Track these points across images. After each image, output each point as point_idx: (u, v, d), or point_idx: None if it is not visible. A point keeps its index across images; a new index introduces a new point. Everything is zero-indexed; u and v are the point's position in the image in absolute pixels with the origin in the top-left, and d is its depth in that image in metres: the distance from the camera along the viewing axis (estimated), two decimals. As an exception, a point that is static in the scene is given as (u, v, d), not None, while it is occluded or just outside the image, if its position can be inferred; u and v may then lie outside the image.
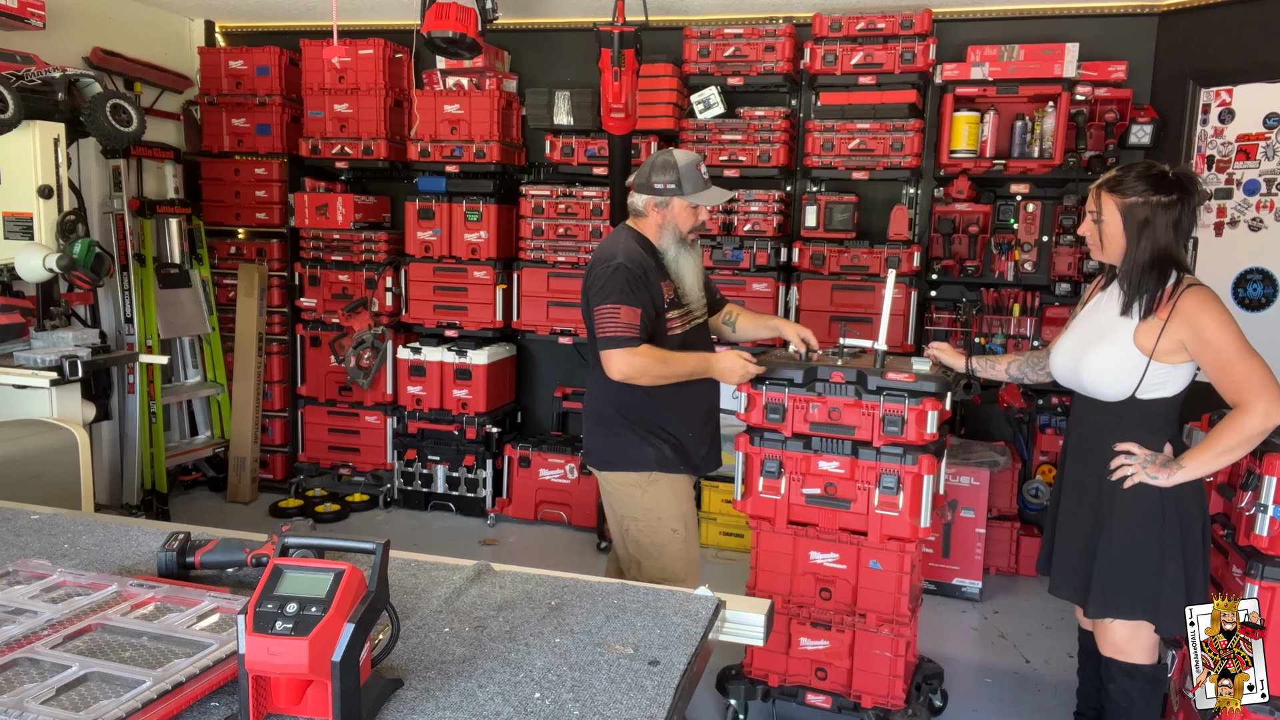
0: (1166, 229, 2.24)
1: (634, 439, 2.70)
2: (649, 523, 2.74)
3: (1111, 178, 2.32)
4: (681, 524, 2.76)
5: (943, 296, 4.72)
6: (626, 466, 2.72)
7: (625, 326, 2.53)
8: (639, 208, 2.72)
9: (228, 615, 1.37)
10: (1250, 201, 4.03)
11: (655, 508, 2.73)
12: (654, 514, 2.73)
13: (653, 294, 2.62)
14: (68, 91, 3.82)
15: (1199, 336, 2.20)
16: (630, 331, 2.53)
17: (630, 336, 2.53)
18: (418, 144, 4.95)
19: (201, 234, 5.34)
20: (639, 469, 2.71)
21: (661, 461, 2.70)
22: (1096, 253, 2.39)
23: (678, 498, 2.77)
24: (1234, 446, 2.20)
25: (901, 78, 4.34)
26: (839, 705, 2.90)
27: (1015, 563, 4.42)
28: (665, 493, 2.73)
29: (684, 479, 2.80)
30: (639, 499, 2.73)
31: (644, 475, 2.71)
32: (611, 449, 2.74)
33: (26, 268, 3.53)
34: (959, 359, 2.76)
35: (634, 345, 2.54)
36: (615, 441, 2.73)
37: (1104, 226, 2.32)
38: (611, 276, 2.55)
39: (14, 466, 2.85)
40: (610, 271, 2.56)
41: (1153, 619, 2.34)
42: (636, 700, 1.22)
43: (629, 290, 2.55)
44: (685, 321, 2.76)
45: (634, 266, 2.58)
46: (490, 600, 1.53)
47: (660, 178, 2.65)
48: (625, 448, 2.71)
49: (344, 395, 5.28)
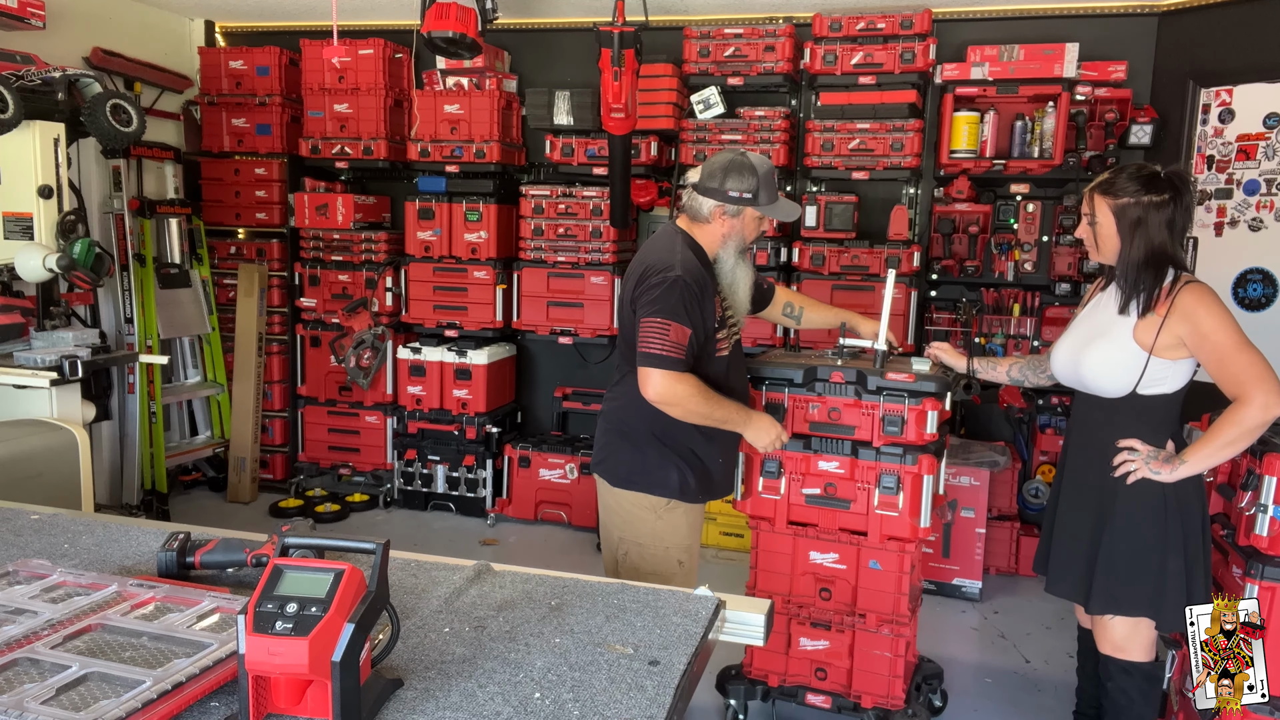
0: (1160, 228, 2.27)
1: (660, 460, 2.48)
2: (655, 550, 2.55)
3: (1103, 180, 2.36)
4: (687, 555, 2.59)
5: (943, 296, 4.72)
6: (647, 488, 2.51)
7: (673, 346, 2.30)
8: (704, 213, 2.44)
9: (228, 615, 1.37)
10: (1250, 201, 4.03)
11: (666, 536, 2.54)
12: (663, 542, 2.55)
13: (705, 315, 2.40)
14: (68, 91, 3.82)
15: (1197, 331, 2.21)
16: (677, 353, 2.31)
17: (676, 358, 2.30)
18: (418, 144, 4.95)
19: (201, 234, 5.34)
20: (660, 493, 2.50)
21: (685, 489, 2.50)
22: (1094, 254, 2.42)
23: (691, 528, 2.60)
24: (1235, 439, 2.21)
25: (901, 78, 4.34)
26: (839, 705, 2.90)
27: (1015, 563, 4.42)
28: (680, 521, 2.55)
29: (699, 508, 2.62)
30: (650, 524, 2.53)
31: (662, 501, 2.51)
32: (634, 467, 2.52)
33: (26, 268, 3.53)
34: (959, 359, 2.76)
35: (678, 369, 2.31)
36: (640, 460, 2.51)
37: (1099, 228, 2.36)
38: (668, 290, 2.32)
39: (14, 466, 2.85)
40: (667, 285, 2.32)
41: (1155, 615, 2.35)
42: (636, 700, 1.22)
43: (684, 309, 2.32)
44: (730, 340, 2.54)
45: (693, 283, 2.36)
46: (490, 600, 1.53)
47: (737, 184, 2.39)
48: (650, 468, 2.49)
49: (344, 395, 5.28)
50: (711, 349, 2.46)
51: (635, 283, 2.43)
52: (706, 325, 2.41)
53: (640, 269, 2.44)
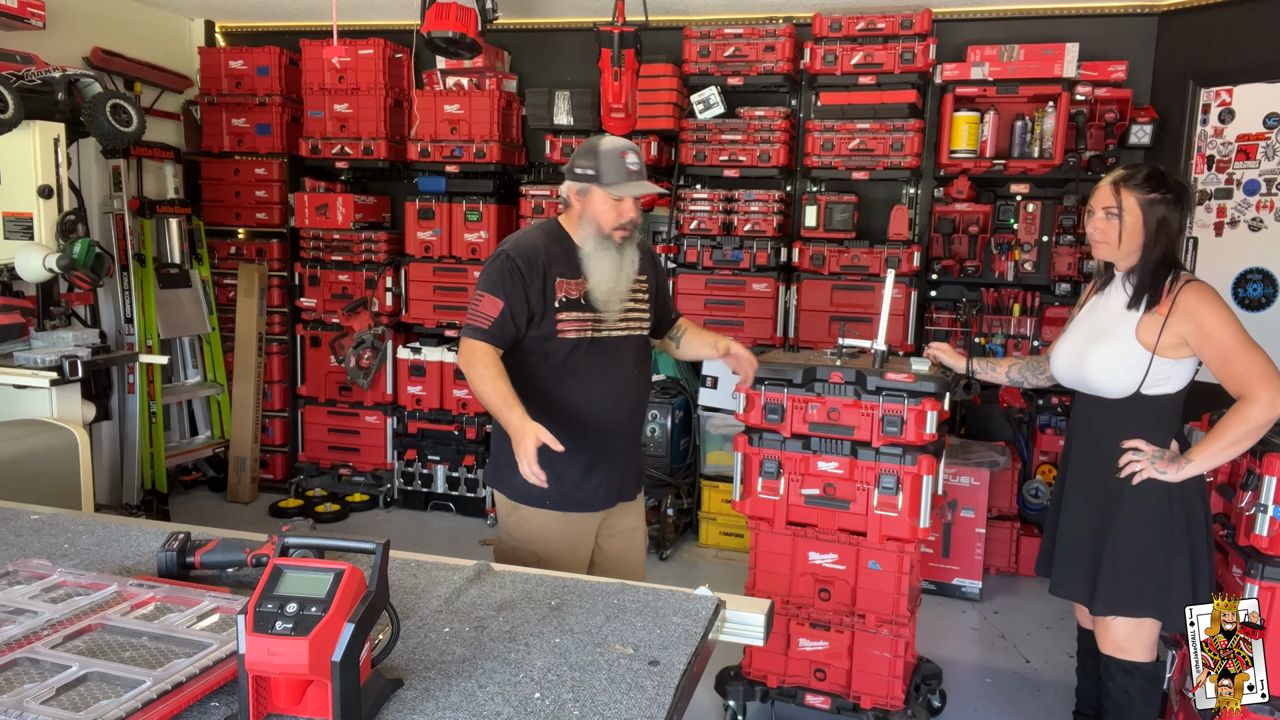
0: (1176, 226, 2.30)
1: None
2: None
3: (1127, 174, 2.32)
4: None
5: (943, 296, 4.72)
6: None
7: (480, 316, 2.32)
8: (564, 196, 2.45)
9: (228, 615, 1.37)
10: (1250, 201, 4.03)
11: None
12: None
13: (530, 291, 2.32)
14: (68, 91, 3.82)
15: (1200, 330, 2.22)
16: (480, 322, 2.31)
17: (478, 327, 2.31)
18: (418, 144, 4.95)
19: (201, 234, 5.34)
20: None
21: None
22: (1104, 250, 2.37)
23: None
24: (1241, 438, 2.21)
25: (901, 78, 4.34)
26: (838, 706, 2.90)
27: (1015, 563, 4.42)
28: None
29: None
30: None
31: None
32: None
33: (26, 268, 3.53)
34: (959, 360, 2.76)
35: (478, 338, 2.30)
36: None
37: (1126, 223, 2.30)
38: (489, 264, 2.37)
39: (14, 466, 2.85)
40: (491, 260, 2.38)
41: (1160, 616, 2.35)
42: (636, 700, 1.22)
43: (498, 281, 2.32)
44: (593, 328, 2.39)
45: (518, 256, 2.33)
46: (490, 600, 1.53)
47: (580, 164, 2.36)
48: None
49: (344, 395, 5.28)
50: (550, 328, 2.36)
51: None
52: (532, 302, 2.33)
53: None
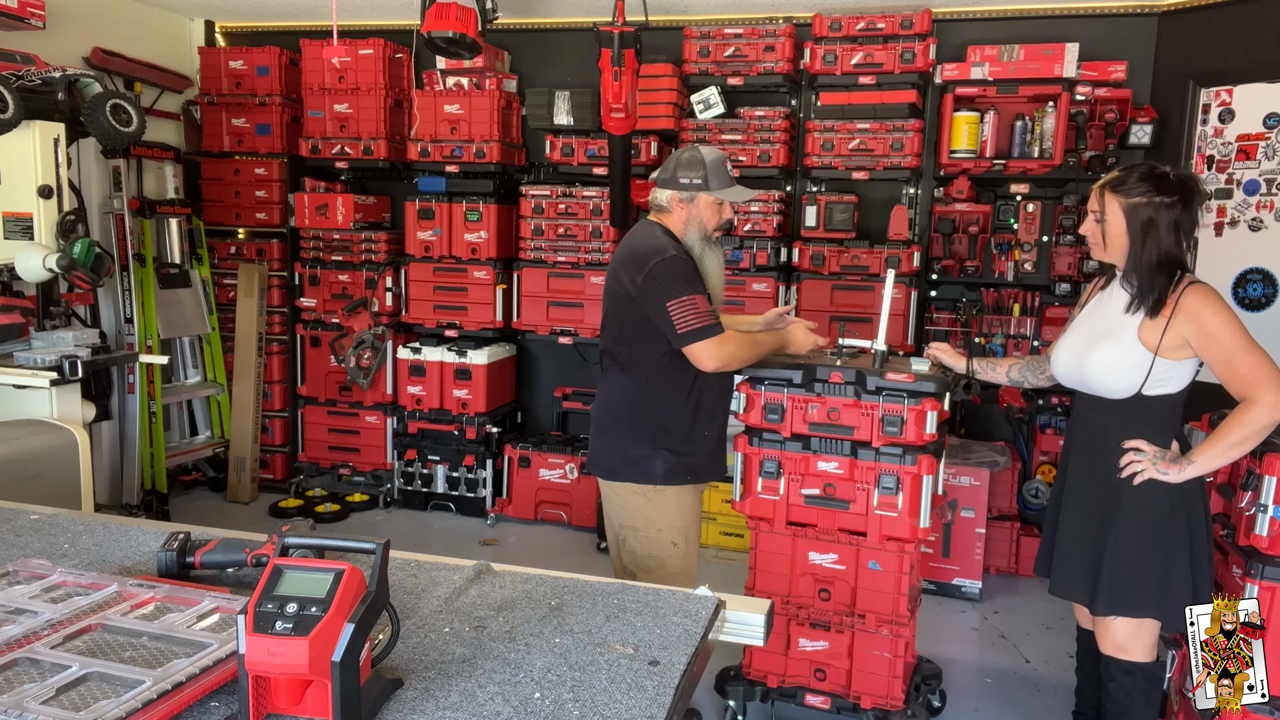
0: (1169, 230, 2.26)
1: (640, 450, 2.61)
2: (649, 533, 2.66)
3: (1115, 178, 2.33)
4: (682, 538, 2.68)
5: (943, 296, 4.72)
6: (632, 478, 2.64)
7: (706, 315, 2.47)
8: (662, 203, 2.65)
9: (228, 615, 1.37)
10: (1250, 201, 4.03)
11: (658, 518, 2.65)
12: (655, 525, 2.65)
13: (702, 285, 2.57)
14: (68, 91, 3.82)
15: (1203, 332, 2.21)
16: (710, 319, 2.47)
17: (713, 325, 2.47)
18: (418, 144, 4.95)
19: (201, 234, 5.34)
20: (644, 481, 2.62)
21: (669, 474, 2.61)
22: (1097, 252, 2.40)
23: (683, 510, 2.68)
24: (1243, 439, 2.21)
25: (901, 78, 4.34)
26: (838, 706, 2.90)
27: (1015, 563, 4.42)
28: (669, 504, 2.65)
29: (690, 490, 2.69)
30: (641, 508, 2.65)
31: (649, 486, 2.63)
32: (618, 458, 2.66)
33: (26, 268, 3.53)
34: (959, 360, 2.76)
35: (718, 332, 2.48)
36: (621, 452, 2.65)
37: (1107, 226, 2.33)
38: (674, 268, 2.48)
39: (14, 466, 2.85)
40: (670, 262, 2.49)
41: (1161, 616, 2.35)
42: (636, 700, 1.22)
43: (691, 278, 2.50)
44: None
45: (685, 256, 2.55)
46: (490, 600, 1.53)
47: (686, 173, 2.59)
48: (633, 459, 2.63)
49: (344, 395, 5.28)
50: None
51: (634, 272, 2.53)
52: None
53: (627, 256, 2.59)
